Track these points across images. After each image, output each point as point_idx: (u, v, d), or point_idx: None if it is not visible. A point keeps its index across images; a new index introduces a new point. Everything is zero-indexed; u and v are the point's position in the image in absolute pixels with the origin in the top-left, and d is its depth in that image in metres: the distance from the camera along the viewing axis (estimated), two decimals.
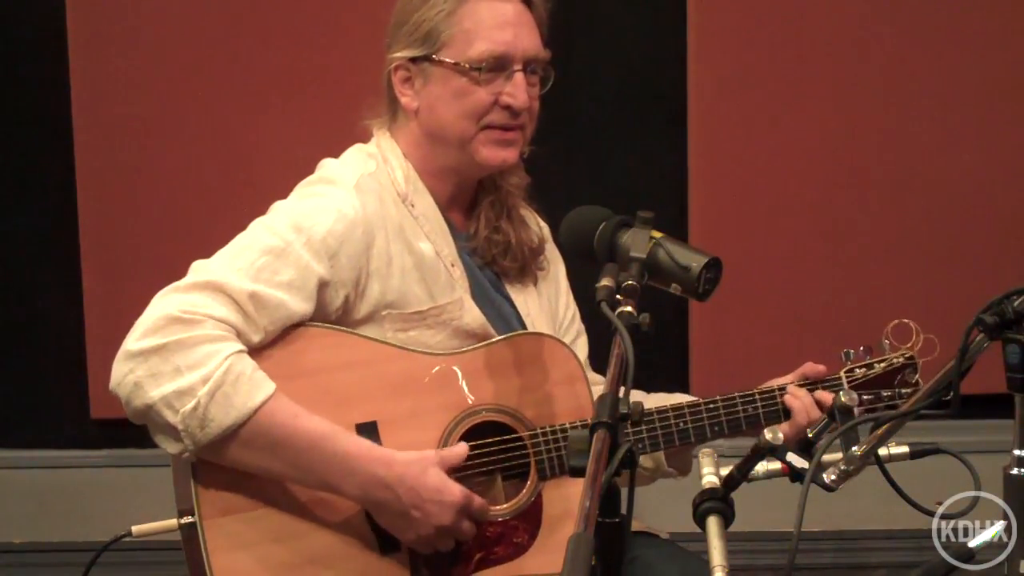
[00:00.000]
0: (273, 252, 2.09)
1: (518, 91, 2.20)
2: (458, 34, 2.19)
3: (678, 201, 3.79)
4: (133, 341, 2.00)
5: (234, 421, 2.00)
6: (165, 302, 2.03)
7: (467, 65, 2.19)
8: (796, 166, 3.78)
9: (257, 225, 2.16)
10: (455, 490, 2.09)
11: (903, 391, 2.35)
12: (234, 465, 2.05)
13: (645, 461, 2.41)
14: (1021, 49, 3.74)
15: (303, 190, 2.24)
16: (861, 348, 2.36)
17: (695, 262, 1.88)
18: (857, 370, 2.36)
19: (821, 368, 2.37)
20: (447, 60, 2.20)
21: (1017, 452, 1.68)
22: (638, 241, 1.90)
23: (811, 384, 2.34)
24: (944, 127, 3.76)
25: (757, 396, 2.31)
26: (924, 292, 3.76)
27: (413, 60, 2.23)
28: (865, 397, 2.33)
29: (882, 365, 2.36)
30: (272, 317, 2.07)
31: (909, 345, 2.34)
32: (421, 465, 2.09)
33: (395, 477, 2.07)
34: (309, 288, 2.10)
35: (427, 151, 2.27)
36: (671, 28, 3.76)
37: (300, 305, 2.10)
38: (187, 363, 1.98)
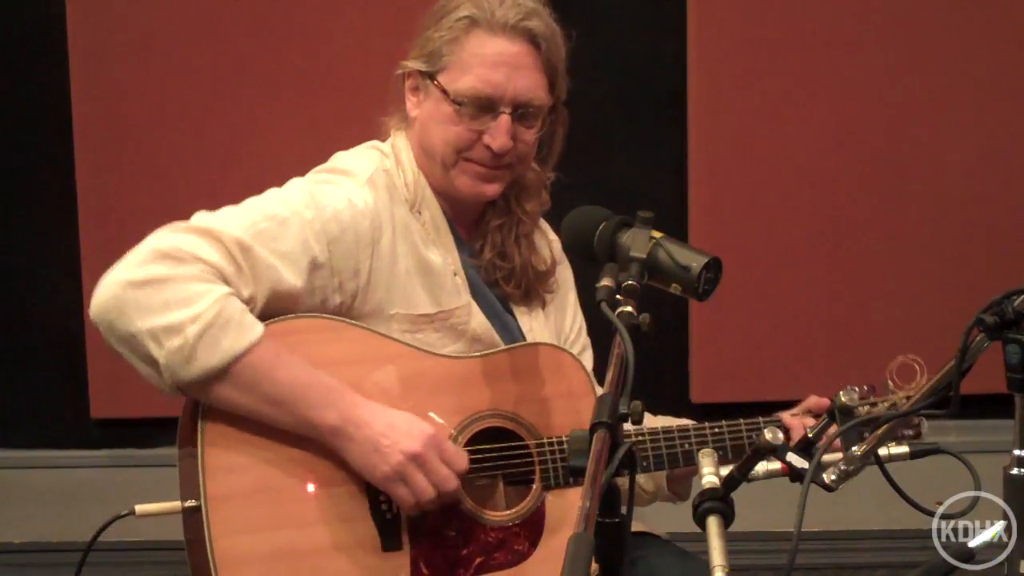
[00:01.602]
0: (276, 219, 2.10)
1: (499, 134, 2.18)
2: (456, 63, 2.19)
3: (678, 201, 3.79)
4: (123, 271, 2.01)
5: (219, 362, 2.01)
6: (160, 238, 2.05)
7: (452, 98, 2.19)
8: (796, 166, 3.78)
9: (269, 193, 2.18)
10: (426, 424, 2.11)
11: (906, 432, 2.33)
12: (209, 400, 2.06)
13: (646, 484, 2.42)
14: (1022, 50, 3.75)
15: (318, 175, 2.25)
16: (865, 386, 2.33)
17: (695, 262, 1.88)
18: (860, 408, 2.34)
19: (824, 400, 2.36)
20: (441, 85, 2.20)
21: (1017, 452, 1.68)
22: (638, 241, 1.89)
23: (815, 416, 2.34)
24: (944, 126, 3.76)
25: (762, 423, 2.31)
26: (924, 291, 3.76)
27: (420, 73, 2.23)
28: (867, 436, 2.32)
29: (885, 405, 2.33)
30: (261, 277, 2.07)
31: (913, 384, 2.30)
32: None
33: (371, 408, 2.09)
34: (302, 265, 2.10)
35: (427, 161, 2.27)
36: (671, 28, 3.77)
37: (290, 276, 2.09)
38: (177, 299, 1.99)
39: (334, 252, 2.13)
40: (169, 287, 1.99)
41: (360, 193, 2.17)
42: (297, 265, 2.10)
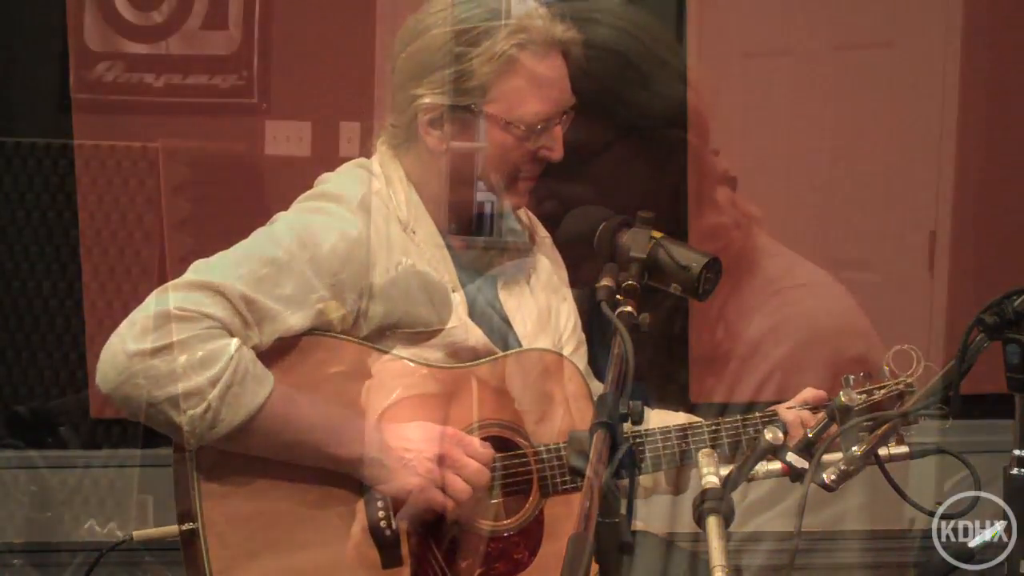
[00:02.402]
0: (276, 264, 2.08)
1: (558, 145, 2.20)
2: (510, 91, 2.17)
3: (678, 201, 3.79)
4: (130, 340, 1.98)
5: (242, 420, 2.01)
6: (163, 300, 2.02)
7: (521, 126, 2.17)
8: (796, 167, 3.78)
9: (261, 234, 2.15)
10: (439, 426, 2.13)
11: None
12: (233, 449, 2.06)
13: (644, 480, 2.41)
14: (1021, 51, 3.75)
15: (306, 204, 2.22)
16: (862, 374, 2.34)
17: (695, 262, 1.88)
18: (857, 396, 2.35)
19: (821, 393, 2.36)
20: (495, 115, 2.17)
21: (1017, 452, 1.69)
22: (638, 241, 1.90)
23: (812, 409, 2.34)
24: (946, 127, 3.76)
25: (759, 418, 2.31)
26: (924, 292, 3.76)
27: (450, 107, 2.19)
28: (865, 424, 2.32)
29: (882, 392, 2.33)
30: (267, 327, 2.07)
31: (909, 372, 2.31)
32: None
33: (387, 431, 2.11)
34: (308, 304, 2.10)
35: (441, 185, 2.25)
36: (671, 28, 3.76)
37: (297, 319, 2.09)
38: (191, 363, 1.98)
39: (336, 286, 2.12)
40: (180, 352, 1.98)
41: (353, 220, 2.15)
42: (302, 308, 2.09)
